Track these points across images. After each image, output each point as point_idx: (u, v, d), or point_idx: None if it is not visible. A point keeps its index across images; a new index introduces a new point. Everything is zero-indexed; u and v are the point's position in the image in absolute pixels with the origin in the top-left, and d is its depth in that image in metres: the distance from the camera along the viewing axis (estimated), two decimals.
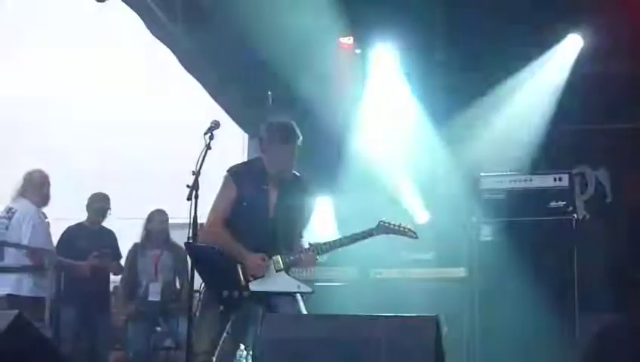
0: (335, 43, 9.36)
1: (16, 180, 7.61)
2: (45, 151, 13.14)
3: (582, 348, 3.54)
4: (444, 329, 4.25)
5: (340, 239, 5.64)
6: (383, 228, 5.57)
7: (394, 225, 5.60)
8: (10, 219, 7.41)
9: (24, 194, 7.54)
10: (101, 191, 8.62)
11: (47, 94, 15.08)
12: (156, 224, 8.61)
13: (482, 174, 7.56)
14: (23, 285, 7.26)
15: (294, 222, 5.60)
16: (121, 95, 15.74)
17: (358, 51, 9.40)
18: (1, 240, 7.37)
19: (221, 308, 5.40)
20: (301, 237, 5.68)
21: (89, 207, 8.48)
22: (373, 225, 5.57)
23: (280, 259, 5.39)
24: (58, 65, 15.48)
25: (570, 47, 8.89)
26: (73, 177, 11.37)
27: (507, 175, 7.45)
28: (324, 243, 5.60)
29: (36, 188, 7.60)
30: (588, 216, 8.35)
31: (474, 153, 8.80)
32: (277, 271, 5.38)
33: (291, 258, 5.44)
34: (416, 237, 5.79)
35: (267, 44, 8.52)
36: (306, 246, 5.54)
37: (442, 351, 4.10)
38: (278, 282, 5.37)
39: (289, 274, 5.43)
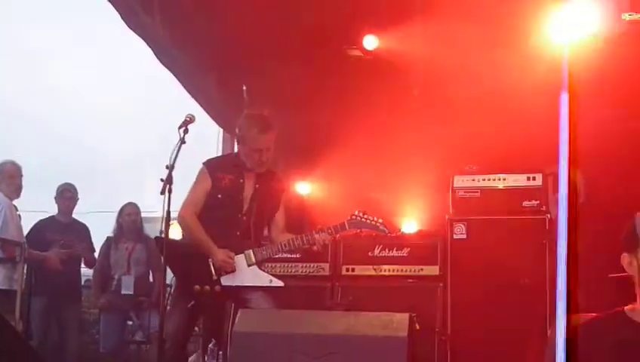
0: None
1: None
2: None
3: (549, 349, 3.54)
4: (417, 327, 4.25)
5: (312, 233, 5.63)
6: (356, 222, 5.57)
7: (366, 218, 5.61)
8: None
9: None
10: (68, 183, 8.59)
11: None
12: (127, 217, 8.62)
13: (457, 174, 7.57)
14: None
15: (268, 216, 5.61)
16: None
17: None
18: None
19: (192, 302, 5.40)
20: (284, 232, 5.71)
21: (57, 198, 8.46)
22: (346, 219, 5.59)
23: (252, 253, 5.40)
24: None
25: None
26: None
27: (481, 174, 7.46)
28: (297, 238, 5.63)
29: (8, 179, 7.55)
30: None
31: (449, 151, 8.85)
32: (249, 266, 5.39)
33: (264, 252, 5.44)
34: (387, 232, 5.81)
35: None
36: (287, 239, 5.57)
37: (414, 347, 4.10)
38: (249, 276, 5.38)
39: (261, 269, 5.43)
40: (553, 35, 7.77)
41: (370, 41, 9.00)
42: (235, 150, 5.84)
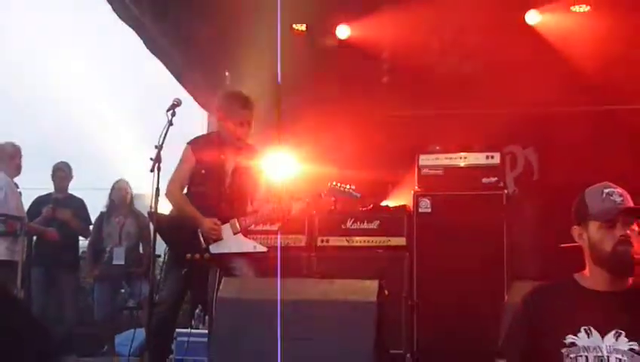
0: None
1: None
2: None
3: (506, 313, 3.56)
4: (385, 293, 4.26)
5: (290, 202, 5.69)
6: (333, 190, 5.61)
7: (340, 186, 5.64)
8: None
9: None
10: (62, 160, 8.54)
11: None
12: (118, 193, 8.63)
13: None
14: None
15: (249, 187, 5.62)
16: None
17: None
18: None
19: (184, 270, 5.41)
20: (271, 197, 5.78)
21: (52, 176, 8.42)
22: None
23: (237, 222, 5.43)
24: None
25: None
26: None
27: (444, 153, 7.48)
28: (278, 206, 5.70)
29: (8, 159, 7.51)
30: (517, 191, 8.41)
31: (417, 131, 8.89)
32: (234, 234, 5.42)
33: (246, 222, 5.47)
34: (359, 197, 5.86)
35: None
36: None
37: (383, 311, 4.12)
38: (235, 244, 5.41)
39: (244, 237, 5.45)
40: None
41: (343, 31, 9.01)
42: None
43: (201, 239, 5.37)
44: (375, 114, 9.34)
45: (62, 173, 8.44)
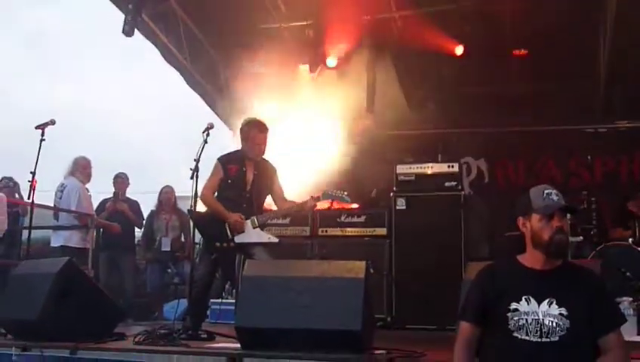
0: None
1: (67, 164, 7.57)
2: None
3: (464, 286, 3.55)
4: (371, 271, 4.26)
5: (301, 203, 5.66)
6: (328, 195, 5.61)
7: (335, 192, 5.63)
8: (62, 191, 7.35)
9: (73, 174, 7.46)
10: (121, 171, 8.54)
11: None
12: (165, 196, 8.67)
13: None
14: (72, 239, 7.20)
15: (264, 193, 5.62)
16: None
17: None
18: (57, 207, 7.33)
19: (215, 254, 5.42)
20: (285, 198, 5.70)
21: (114, 182, 8.44)
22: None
23: (255, 219, 5.43)
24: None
25: None
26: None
27: (416, 163, 7.49)
28: (291, 206, 5.68)
29: (82, 169, 7.52)
30: (471, 192, 8.42)
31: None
32: (253, 228, 5.42)
33: (263, 218, 5.48)
34: (350, 201, 5.87)
35: None
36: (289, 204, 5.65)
37: (369, 285, 4.12)
38: (254, 235, 5.40)
39: (262, 230, 5.45)
40: None
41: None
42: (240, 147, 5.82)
43: (228, 231, 5.36)
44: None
45: (120, 179, 8.44)
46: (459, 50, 8.72)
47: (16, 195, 7.63)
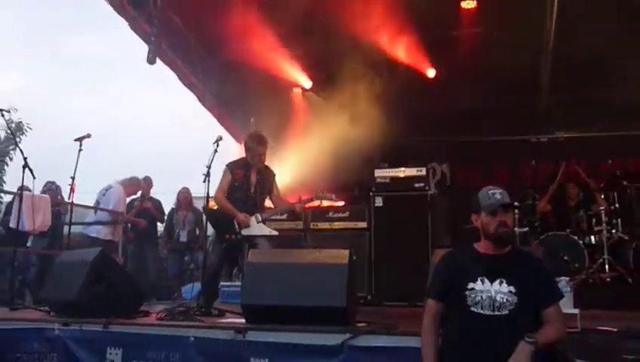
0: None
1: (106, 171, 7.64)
2: None
3: (430, 269, 3.59)
4: (354, 258, 4.27)
5: (294, 203, 5.68)
6: (319, 196, 5.63)
7: (324, 193, 5.66)
8: (106, 190, 7.48)
9: (123, 183, 7.64)
10: (148, 175, 8.55)
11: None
12: (181, 196, 8.66)
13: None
14: (105, 232, 7.20)
15: (266, 194, 5.62)
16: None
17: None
18: (97, 204, 7.43)
19: (224, 244, 5.41)
20: (282, 198, 5.76)
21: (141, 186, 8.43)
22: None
23: (258, 215, 5.43)
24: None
25: None
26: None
27: (390, 168, 7.49)
28: (286, 206, 5.77)
29: (135, 186, 7.83)
30: (436, 192, 8.45)
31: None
32: (257, 223, 5.40)
33: (265, 215, 5.47)
34: (336, 200, 5.90)
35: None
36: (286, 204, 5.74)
37: (352, 269, 4.13)
38: (257, 229, 5.40)
39: (265, 225, 5.45)
40: None
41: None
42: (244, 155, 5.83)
43: (236, 226, 5.35)
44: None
45: (146, 183, 8.42)
46: (431, 72, 9.04)
47: (58, 196, 7.60)
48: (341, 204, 7.49)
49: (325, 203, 6.17)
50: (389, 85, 9.01)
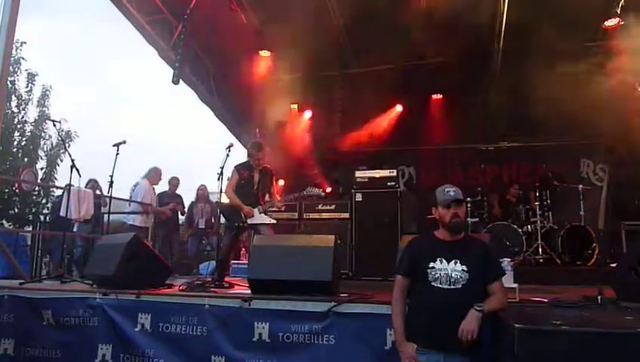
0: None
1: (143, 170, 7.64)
2: None
3: (399, 251, 3.60)
4: (339, 242, 4.26)
5: (288, 196, 5.68)
6: (309, 191, 5.62)
7: (314, 189, 5.65)
8: (135, 187, 7.48)
9: (147, 177, 7.52)
10: (175, 175, 8.48)
11: None
12: (200, 191, 8.60)
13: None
14: (137, 220, 7.16)
15: (267, 189, 5.60)
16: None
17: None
18: (130, 198, 7.43)
19: (234, 231, 5.39)
20: (279, 195, 5.73)
21: (168, 183, 8.36)
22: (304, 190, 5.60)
23: (261, 207, 5.40)
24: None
25: None
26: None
27: (368, 170, 7.48)
28: (282, 198, 5.67)
29: (154, 174, 7.60)
30: (405, 190, 8.47)
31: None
32: (260, 213, 5.38)
33: (266, 206, 5.46)
34: (324, 195, 5.86)
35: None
36: (278, 199, 5.61)
37: (337, 251, 4.13)
38: (260, 218, 5.37)
39: (266, 215, 5.43)
40: None
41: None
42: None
43: (243, 216, 5.34)
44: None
45: (174, 180, 8.38)
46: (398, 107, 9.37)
47: (98, 191, 7.53)
48: (325, 192, 7.50)
49: (314, 196, 6.11)
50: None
